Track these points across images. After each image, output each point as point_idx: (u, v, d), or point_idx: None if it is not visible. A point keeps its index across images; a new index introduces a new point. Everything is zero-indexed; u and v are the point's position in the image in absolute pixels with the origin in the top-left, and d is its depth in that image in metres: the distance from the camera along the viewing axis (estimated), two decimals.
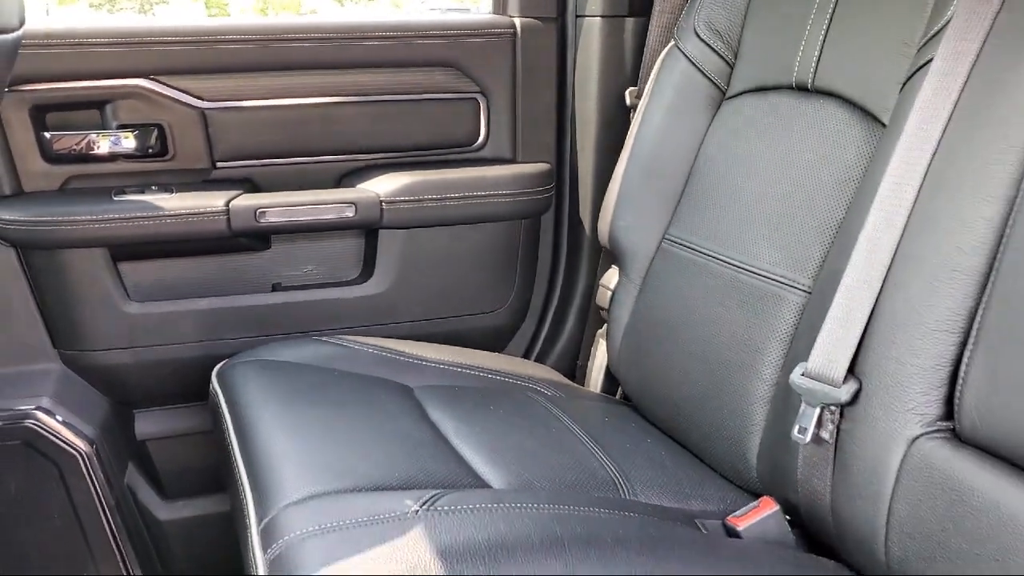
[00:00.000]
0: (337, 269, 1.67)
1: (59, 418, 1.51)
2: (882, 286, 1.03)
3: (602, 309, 1.62)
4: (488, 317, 1.74)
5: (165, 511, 1.65)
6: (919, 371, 0.97)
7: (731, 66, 1.47)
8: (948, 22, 1.07)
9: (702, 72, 1.49)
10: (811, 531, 1.12)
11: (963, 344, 0.94)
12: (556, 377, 1.61)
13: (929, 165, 1.02)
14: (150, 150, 1.53)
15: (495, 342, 1.77)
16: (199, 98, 1.53)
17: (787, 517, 1.12)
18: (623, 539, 0.95)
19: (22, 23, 1.11)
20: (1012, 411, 0.87)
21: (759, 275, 1.24)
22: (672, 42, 1.55)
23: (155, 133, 1.53)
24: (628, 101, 1.66)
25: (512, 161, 1.73)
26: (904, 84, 1.13)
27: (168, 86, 1.51)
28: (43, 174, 1.48)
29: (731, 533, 1.09)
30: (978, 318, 0.93)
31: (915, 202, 1.02)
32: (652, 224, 1.50)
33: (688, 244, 1.40)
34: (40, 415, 1.49)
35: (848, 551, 1.05)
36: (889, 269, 1.03)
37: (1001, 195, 0.93)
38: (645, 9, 1.65)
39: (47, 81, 1.45)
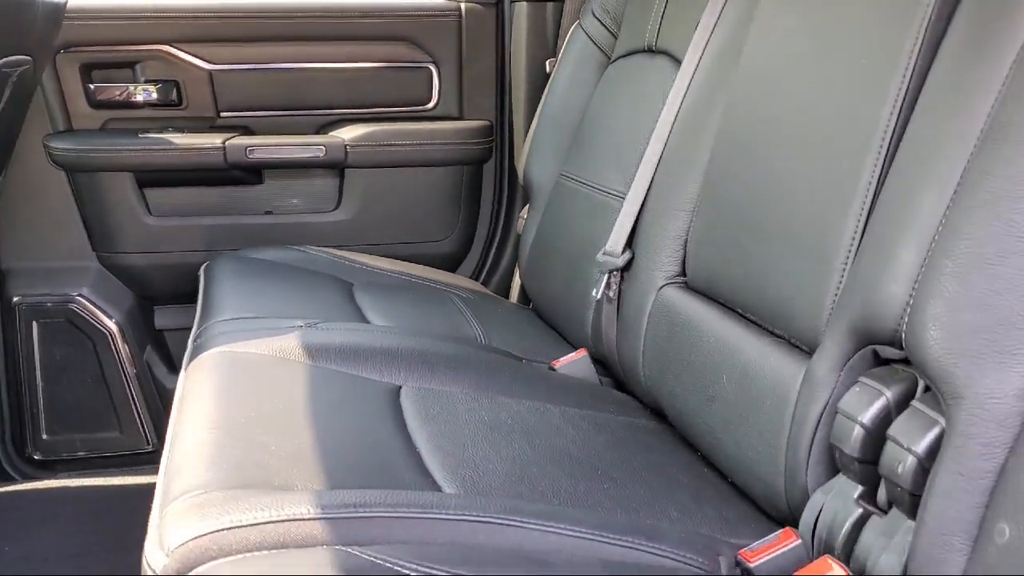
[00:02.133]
0: (316, 202, 2.10)
1: (94, 304, 1.98)
2: (649, 185, 1.42)
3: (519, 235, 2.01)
4: (437, 244, 2.16)
5: (175, 384, 2.10)
6: (666, 240, 1.35)
7: (615, 37, 1.86)
8: None
9: (595, 43, 1.89)
10: (611, 374, 1.50)
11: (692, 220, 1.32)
12: (480, 289, 2.01)
13: (686, 91, 1.41)
14: (169, 101, 1.99)
15: (444, 266, 2.17)
16: (208, 61, 1.99)
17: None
18: (483, 366, 1.34)
19: None
20: (716, 265, 1.24)
21: (603, 191, 1.63)
22: (577, 21, 1.95)
23: (173, 88, 1.99)
24: (548, 69, 2.06)
25: (458, 119, 2.15)
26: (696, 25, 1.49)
27: (184, 51, 1.97)
28: (88, 116, 1.96)
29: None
30: (697, 199, 1.31)
31: (673, 123, 1.41)
32: (552, 165, 1.89)
33: (571, 175, 1.79)
34: (81, 300, 1.97)
35: (626, 379, 1.43)
36: (654, 175, 1.41)
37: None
38: None
39: (93, 45, 1.92)
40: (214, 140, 1.96)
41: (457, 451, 1.04)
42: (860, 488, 0.91)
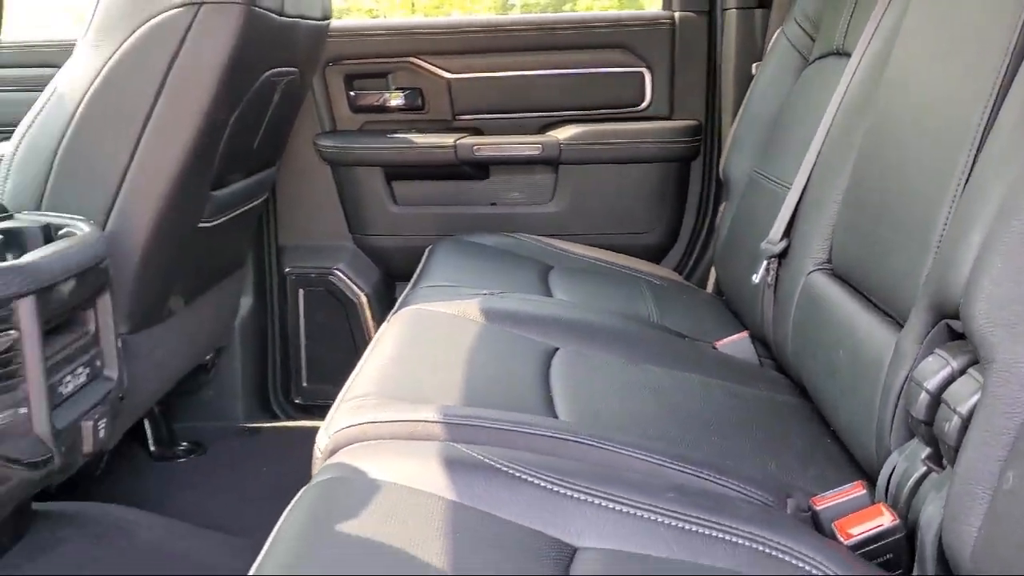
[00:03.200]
0: (533, 195, 2.35)
1: (348, 278, 2.34)
2: (808, 178, 1.51)
3: None
4: (642, 237, 2.33)
5: None
6: (818, 229, 1.45)
7: (814, 41, 1.95)
8: None
9: (795, 47, 1.98)
10: (771, 356, 1.61)
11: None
12: (676, 279, 2.16)
13: (847, 88, 1.49)
14: (415, 106, 2.32)
15: (648, 257, 2.34)
16: (447, 71, 2.29)
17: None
18: (641, 339, 1.51)
19: (326, 16, 1.91)
20: (851, 250, 1.34)
21: (779, 184, 1.73)
22: (781, 27, 2.05)
23: (418, 95, 2.31)
24: (753, 72, 2.17)
25: (668, 119, 2.30)
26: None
27: (428, 63, 2.29)
28: (349, 118, 2.33)
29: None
30: (843, 194, 1.40)
31: (833, 119, 1.50)
32: (748, 162, 2.00)
33: (761, 171, 1.90)
34: (338, 273, 2.35)
35: (779, 359, 1.54)
36: (813, 168, 1.51)
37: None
38: (768, 2, 2.15)
39: (354, 59, 2.29)
40: (447, 140, 2.26)
41: (584, 397, 1.22)
42: (928, 450, 0.99)
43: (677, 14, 2.27)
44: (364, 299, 2.35)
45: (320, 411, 2.37)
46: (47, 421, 1.22)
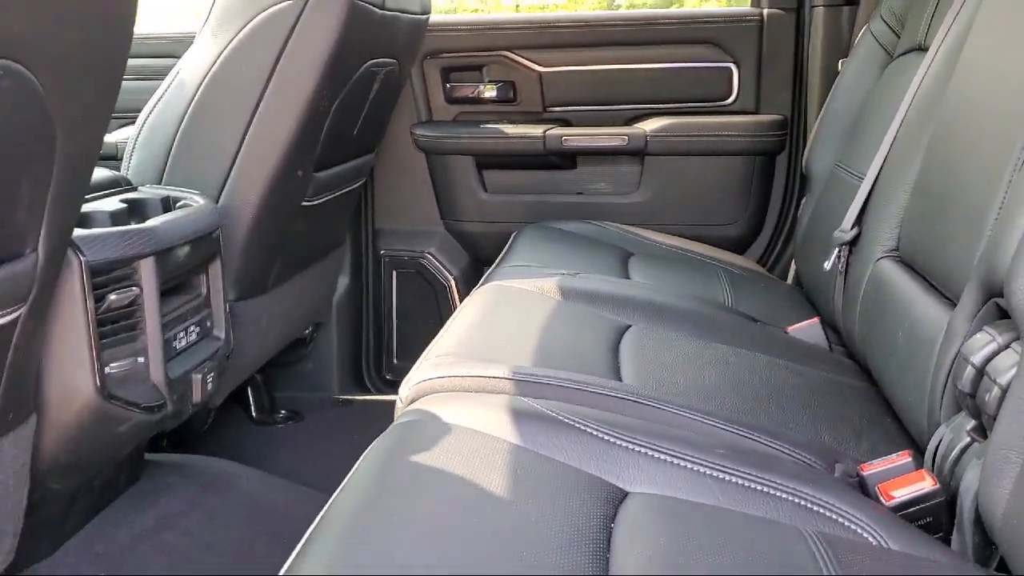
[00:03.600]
0: (619, 185, 2.42)
1: (439, 261, 2.46)
2: (880, 168, 1.55)
3: None
4: (725, 228, 2.38)
5: None
6: (887, 217, 1.49)
7: (899, 37, 1.97)
8: None
9: (880, 44, 2.01)
10: (842, 342, 1.65)
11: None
12: (757, 269, 2.21)
13: (921, 81, 1.52)
14: (507, 98, 2.42)
15: (732, 248, 2.38)
16: (539, 64, 2.39)
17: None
18: (712, 320, 1.58)
19: (425, 11, 2.03)
20: (916, 236, 1.38)
21: (854, 175, 1.77)
22: (867, 24, 2.07)
23: (511, 87, 2.41)
24: (838, 68, 2.20)
25: (755, 113, 2.35)
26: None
27: (520, 56, 2.38)
28: (444, 109, 2.45)
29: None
30: (912, 184, 1.44)
31: (907, 111, 1.53)
32: (830, 156, 2.04)
33: (841, 164, 1.94)
34: (429, 257, 2.47)
35: (848, 344, 1.58)
36: (885, 158, 1.55)
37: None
38: None
39: (451, 52, 2.40)
40: (536, 131, 2.35)
41: (650, 367, 1.30)
42: (973, 422, 1.03)
43: (765, 11, 2.31)
44: (453, 282, 2.46)
45: None
46: (162, 371, 1.36)
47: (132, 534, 1.52)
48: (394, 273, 2.49)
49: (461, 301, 2.43)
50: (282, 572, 0.80)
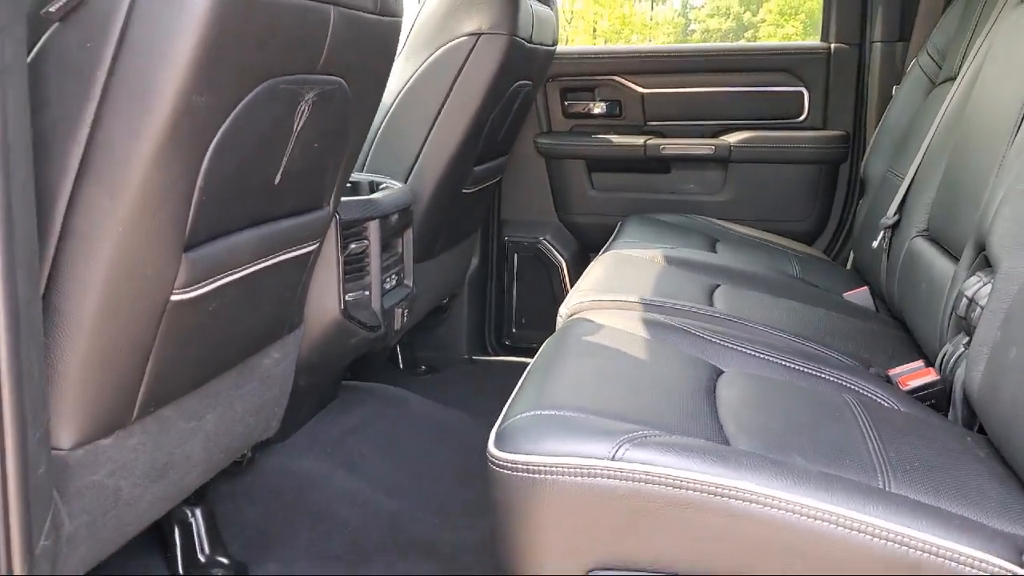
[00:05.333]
0: (706, 187, 2.90)
1: (552, 246, 2.97)
2: (917, 167, 2.01)
3: None
4: (796, 224, 2.84)
5: None
6: (920, 204, 1.95)
7: (940, 68, 2.42)
8: None
9: (925, 74, 2.46)
10: (885, 305, 2.10)
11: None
12: (821, 256, 2.66)
13: (950, 100, 1.98)
14: (614, 114, 2.92)
15: (800, 240, 2.84)
16: (641, 87, 2.89)
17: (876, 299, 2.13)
18: (782, 283, 2.06)
19: (555, 42, 2.55)
20: (939, 216, 1.83)
21: (898, 176, 2.22)
22: (915, 58, 2.53)
23: (617, 105, 2.92)
24: (892, 93, 2.65)
25: (822, 129, 2.81)
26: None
27: (626, 80, 2.89)
28: (561, 122, 2.96)
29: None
30: (939, 180, 1.89)
31: (939, 123, 1.99)
32: (882, 164, 2.49)
33: (891, 171, 2.39)
34: (544, 242, 2.98)
35: (891, 306, 2.04)
36: (921, 160, 2.01)
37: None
38: (907, 37, 2.63)
39: (569, 76, 2.92)
40: (638, 140, 2.85)
41: (736, 308, 1.77)
42: (967, 338, 1.49)
43: (832, 45, 2.78)
44: (564, 264, 2.97)
45: (524, 351, 3.05)
46: (379, 301, 1.89)
47: (342, 429, 2.05)
48: (515, 256, 3.01)
49: (570, 279, 2.94)
50: (502, 416, 1.22)
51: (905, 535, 0.95)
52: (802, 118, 2.84)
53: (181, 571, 1.61)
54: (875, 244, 2.09)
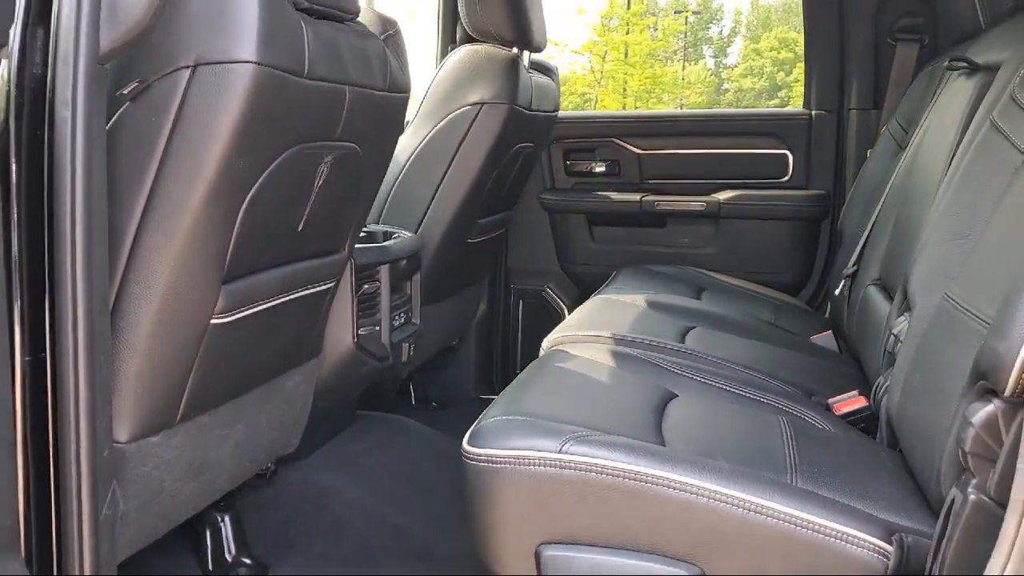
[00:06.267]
0: (698, 241, 3.14)
1: (555, 293, 3.22)
2: (870, 228, 2.25)
3: None
4: (779, 275, 3.07)
5: None
6: (875, 256, 2.18)
7: (906, 132, 2.67)
8: None
9: (894, 139, 2.71)
10: (847, 346, 2.32)
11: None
12: (800, 305, 2.89)
13: (901, 163, 2.23)
14: (612, 172, 3.19)
15: (783, 291, 3.07)
16: (637, 148, 3.15)
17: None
18: (751, 326, 2.28)
19: (556, 108, 2.82)
20: (890, 271, 2.06)
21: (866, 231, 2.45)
22: (886, 124, 2.78)
23: (616, 165, 3.18)
24: (867, 155, 2.89)
25: (804, 188, 3.06)
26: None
27: (623, 142, 3.16)
28: (564, 179, 3.24)
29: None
30: (889, 234, 2.13)
31: (892, 182, 2.23)
32: (857, 220, 2.72)
33: (859, 227, 2.62)
34: (548, 290, 3.23)
35: (848, 342, 2.25)
36: (876, 216, 2.25)
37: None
38: (880, 104, 2.88)
39: (571, 138, 3.19)
40: (635, 197, 3.11)
41: (703, 346, 2.00)
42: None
43: (813, 112, 3.04)
44: (566, 310, 3.21)
45: None
46: (388, 335, 2.14)
47: (356, 451, 2.30)
48: (521, 302, 3.26)
49: None
50: (477, 420, 1.50)
51: (795, 516, 1.17)
52: (786, 178, 3.08)
53: (211, 568, 1.85)
54: (837, 292, 2.32)
